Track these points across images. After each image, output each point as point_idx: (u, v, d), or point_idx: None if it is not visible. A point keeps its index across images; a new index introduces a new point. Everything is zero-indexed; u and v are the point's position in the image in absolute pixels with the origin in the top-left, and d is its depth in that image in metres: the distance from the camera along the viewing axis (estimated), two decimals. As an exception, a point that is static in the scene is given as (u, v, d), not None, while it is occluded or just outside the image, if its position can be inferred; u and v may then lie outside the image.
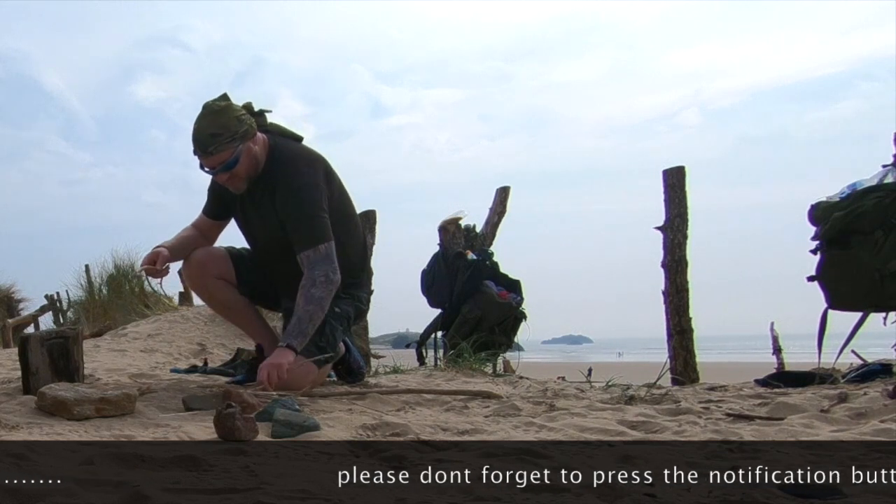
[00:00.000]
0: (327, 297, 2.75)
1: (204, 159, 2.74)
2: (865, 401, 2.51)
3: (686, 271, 4.67)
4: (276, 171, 2.81)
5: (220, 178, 2.79)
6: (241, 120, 2.75)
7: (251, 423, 1.83)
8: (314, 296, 2.73)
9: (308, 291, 2.73)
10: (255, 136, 2.78)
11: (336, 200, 2.89)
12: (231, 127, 2.71)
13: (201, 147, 2.72)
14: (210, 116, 2.72)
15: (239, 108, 2.79)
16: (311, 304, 2.72)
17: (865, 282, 3.32)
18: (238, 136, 2.72)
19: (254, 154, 2.78)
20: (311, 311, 2.72)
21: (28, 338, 2.47)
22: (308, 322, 2.72)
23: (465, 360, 4.61)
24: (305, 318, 2.72)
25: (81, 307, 9.46)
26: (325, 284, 2.74)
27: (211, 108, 2.74)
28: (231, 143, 2.71)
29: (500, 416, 2.40)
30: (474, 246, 5.57)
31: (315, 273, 2.74)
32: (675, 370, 4.53)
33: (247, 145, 2.75)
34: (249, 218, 2.93)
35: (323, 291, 2.74)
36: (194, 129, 2.73)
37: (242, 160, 2.75)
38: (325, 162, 2.91)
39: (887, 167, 3.44)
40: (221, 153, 2.71)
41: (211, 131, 2.70)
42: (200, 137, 2.71)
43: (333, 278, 2.76)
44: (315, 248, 2.75)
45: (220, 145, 2.70)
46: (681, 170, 4.70)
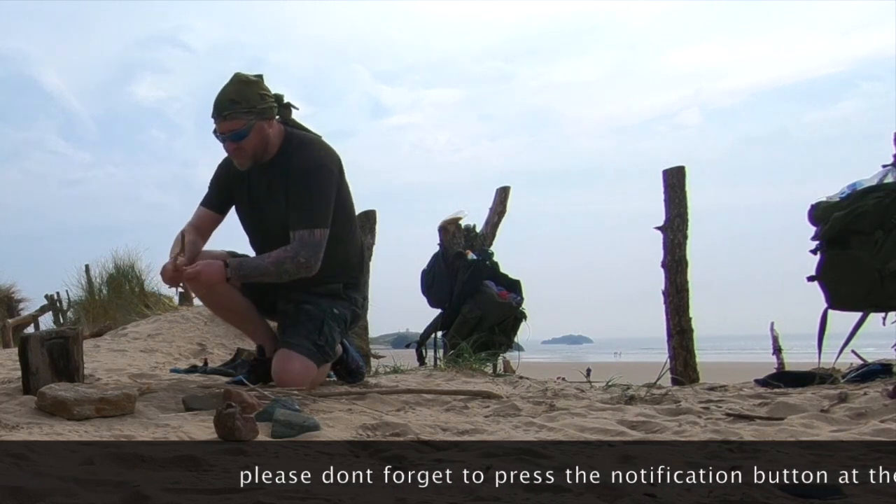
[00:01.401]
0: (287, 277, 2.76)
1: (218, 123, 2.80)
2: (865, 401, 2.50)
3: (686, 271, 4.67)
4: (291, 154, 2.84)
5: (229, 148, 2.83)
6: (263, 97, 2.81)
7: (251, 423, 1.83)
8: (283, 266, 2.74)
9: (283, 259, 2.74)
10: (272, 118, 2.83)
11: (343, 198, 2.91)
12: (251, 100, 2.78)
13: (217, 109, 2.79)
14: (236, 84, 2.80)
15: (267, 88, 2.85)
16: (274, 267, 2.74)
17: (865, 282, 3.32)
18: (255, 110, 2.77)
19: (265, 134, 2.81)
20: (269, 272, 2.75)
21: (28, 338, 2.47)
22: (258, 274, 2.76)
23: (465, 360, 4.61)
24: (261, 270, 2.75)
25: (81, 307, 9.46)
26: (300, 268, 2.75)
27: (240, 77, 2.82)
28: (246, 115, 2.77)
29: (500, 416, 2.40)
30: (474, 246, 5.57)
31: (300, 253, 2.74)
32: (675, 370, 4.53)
33: (260, 123, 2.79)
34: (260, 205, 2.90)
35: (292, 269, 2.75)
36: (218, 93, 2.81)
37: (252, 135, 2.79)
38: (339, 157, 2.93)
39: (887, 167, 3.44)
40: (234, 121, 2.77)
41: (231, 97, 2.78)
42: (220, 100, 2.79)
43: (311, 267, 2.76)
44: (311, 231, 2.76)
45: (235, 112, 2.76)
46: (681, 170, 4.71)
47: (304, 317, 2.85)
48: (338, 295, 2.94)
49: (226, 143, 2.82)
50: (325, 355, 2.88)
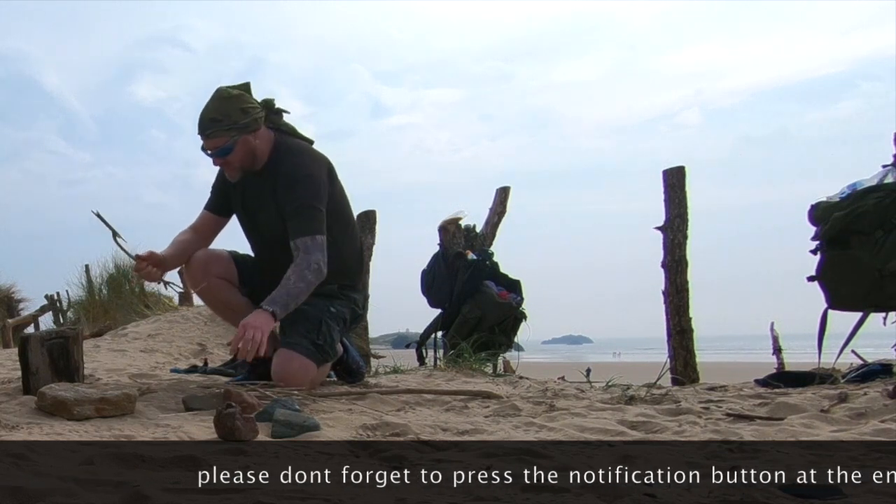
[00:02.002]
0: (314, 284, 2.77)
1: (203, 140, 2.82)
2: (865, 401, 2.50)
3: (686, 271, 4.66)
4: (279, 163, 2.86)
5: (216, 163, 2.87)
6: (245, 112, 2.80)
7: (251, 423, 1.83)
8: (306, 277, 2.74)
9: (302, 271, 2.74)
10: (257, 130, 2.83)
11: (336, 201, 2.92)
12: (232, 116, 2.78)
13: (200, 128, 2.81)
14: (217, 101, 2.81)
15: (251, 99, 2.85)
16: (302, 282, 2.74)
17: (865, 282, 3.31)
18: (237, 126, 2.78)
19: (251, 147, 2.82)
20: (301, 290, 2.74)
21: (28, 338, 2.47)
22: (294, 299, 2.74)
23: (465, 360, 4.61)
24: (294, 294, 2.73)
25: (81, 307, 9.46)
26: (317, 273, 2.76)
27: (221, 93, 2.82)
28: (227, 132, 2.78)
29: (500, 416, 2.40)
30: (474, 246, 5.57)
31: (311, 259, 2.76)
32: (675, 370, 4.53)
33: (245, 137, 2.80)
34: (253, 211, 2.94)
35: (314, 277, 2.76)
36: (201, 111, 2.82)
37: (237, 150, 2.80)
38: (328, 161, 2.94)
39: (887, 167, 3.44)
40: (217, 139, 2.79)
41: (212, 116, 2.78)
42: (202, 119, 2.80)
43: (324, 270, 2.78)
44: (312, 237, 2.78)
45: (216, 131, 2.78)
46: (681, 170, 4.71)
47: (302, 317, 2.86)
48: (334, 294, 2.95)
49: (213, 159, 2.86)
50: (324, 355, 2.89)
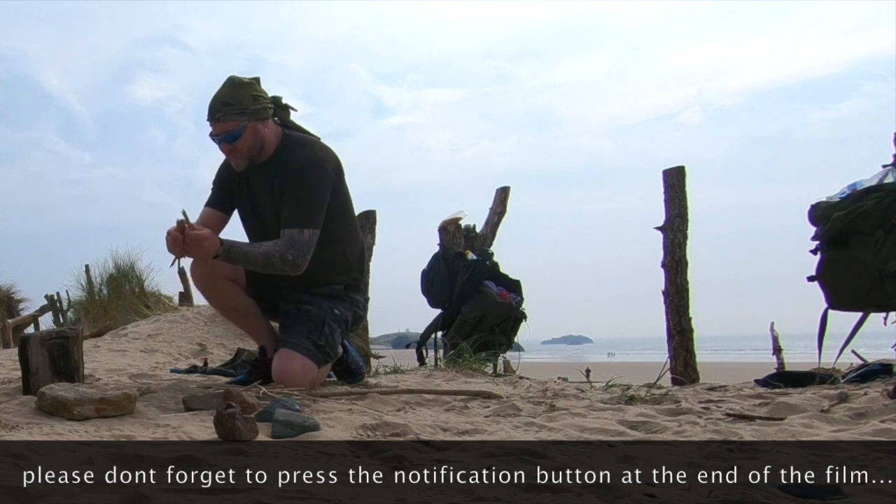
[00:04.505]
0: (275, 271, 2.74)
1: (212, 125, 2.81)
2: (865, 401, 2.50)
3: (686, 271, 4.67)
4: (288, 152, 2.85)
5: (223, 149, 2.85)
6: (256, 99, 2.81)
7: (251, 423, 1.83)
8: (271, 260, 2.72)
9: (272, 253, 2.72)
10: (266, 119, 2.83)
11: (342, 199, 2.91)
12: (244, 101, 2.79)
13: (211, 112, 2.80)
14: (229, 86, 2.82)
15: (261, 90, 2.85)
16: (264, 258, 2.72)
17: (865, 282, 3.31)
18: (248, 111, 2.78)
19: (260, 135, 2.82)
20: (257, 261, 2.72)
21: (28, 338, 2.47)
22: (244, 258, 2.72)
23: (465, 361, 4.61)
24: (250, 257, 2.71)
25: (81, 307, 9.45)
26: (286, 265, 2.74)
27: (233, 79, 2.83)
28: (239, 116, 2.78)
29: (501, 416, 2.40)
30: (474, 246, 5.58)
31: (288, 250, 2.73)
32: (675, 370, 4.53)
33: (254, 124, 2.80)
34: (259, 206, 2.91)
35: (279, 266, 2.73)
36: (212, 96, 2.82)
37: (246, 136, 2.79)
38: (336, 157, 2.93)
39: (887, 167, 3.44)
40: (227, 122, 2.78)
41: (224, 99, 2.79)
42: (213, 103, 2.80)
43: (298, 267, 2.75)
44: (301, 230, 2.76)
45: (227, 114, 2.78)
46: (681, 170, 4.71)
47: (304, 317, 2.86)
48: (339, 296, 2.94)
49: (220, 145, 2.83)
50: (325, 356, 2.88)
